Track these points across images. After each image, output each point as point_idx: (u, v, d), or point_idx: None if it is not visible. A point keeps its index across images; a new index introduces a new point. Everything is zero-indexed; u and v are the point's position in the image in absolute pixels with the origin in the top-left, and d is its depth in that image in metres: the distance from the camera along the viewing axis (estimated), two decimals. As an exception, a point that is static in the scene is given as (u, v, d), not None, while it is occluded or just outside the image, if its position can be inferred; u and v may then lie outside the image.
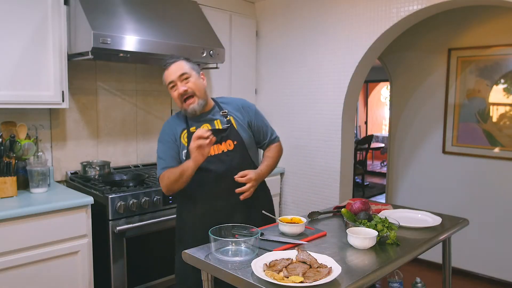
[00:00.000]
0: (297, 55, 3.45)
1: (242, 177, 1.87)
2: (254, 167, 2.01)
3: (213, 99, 2.06)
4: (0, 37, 2.21)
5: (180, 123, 1.99)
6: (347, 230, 1.59)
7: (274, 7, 3.60)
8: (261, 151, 2.16)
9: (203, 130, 1.73)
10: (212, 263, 1.40)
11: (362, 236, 1.54)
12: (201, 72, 2.00)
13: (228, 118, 1.98)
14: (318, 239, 1.66)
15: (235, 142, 1.94)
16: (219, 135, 1.91)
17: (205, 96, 1.95)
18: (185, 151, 1.91)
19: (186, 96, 1.90)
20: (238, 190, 1.86)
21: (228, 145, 1.93)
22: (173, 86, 1.92)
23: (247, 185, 1.87)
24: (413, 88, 3.93)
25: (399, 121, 4.06)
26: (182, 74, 1.90)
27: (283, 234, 1.68)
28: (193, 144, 1.73)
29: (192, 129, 1.94)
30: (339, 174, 3.21)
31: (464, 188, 3.62)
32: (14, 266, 2.06)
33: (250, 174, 1.88)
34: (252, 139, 2.03)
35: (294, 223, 1.69)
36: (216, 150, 1.91)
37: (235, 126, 1.97)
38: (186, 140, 1.93)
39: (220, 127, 1.95)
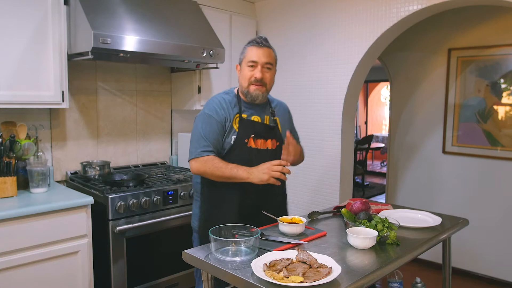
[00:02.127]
0: (297, 55, 3.45)
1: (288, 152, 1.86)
2: None
3: None
4: (0, 37, 2.21)
5: (234, 105, 1.93)
6: (347, 230, 1.59)
7: (274, 7, 3.60)
8: None
9: (284, 162, 1.75)
10: (212, 263, 1.40)
11: (362, 236, 1.54)
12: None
13: (275, 118, 1.99)
14: (318, 239, 1.66)
15: (277, 143, 1.94)
16: (267, 132, 1.93)
17: (270, 91, 1.97)
18: (235, 136, 1.87)
19: (258, 83, 1.87)
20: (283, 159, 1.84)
21: (272, 144, 1.94)
22: (252, 66, 1.87)
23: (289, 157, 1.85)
24: (413, 88, 3.93)
25: (399, 121, 4.06)
26: (269, 63, 1.88)
27: (283, 234, 1.68)
28: (270, 170, 1.71)
29: (244, 115, 1.91)
30: (339, 174, 3.21)
31: (464, 188, 3.62)
32: (14, 266, 2.06)
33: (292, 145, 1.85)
34: None
35: (294, 223, 1.69)
36: (262, 145, 1.91)
37: (279, 128, 2.00)
38: (237, 125, 1.89)
39: (268, 124, 1.96)
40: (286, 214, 2.05)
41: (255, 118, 1.93)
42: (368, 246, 1.54)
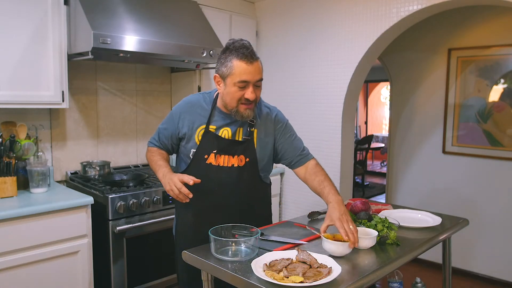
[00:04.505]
0: (297, 55, 3.45)
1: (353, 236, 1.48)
2: (264, 184, 1.88)
3: None
4: (0, 37, 2.21)
5: (204, 112, 1.75)
6: (347, 230, 1.59)
7: (274, 7, 3.60)
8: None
9: (187, 178, 1.56)
10: (212, 263, 1.40)
11: (362, 236, 1.54)
12: None
13: (251, 130, 1.76)
14: (318, 239, 1.66)
15: (247, 159, 1.75)
16: (234, 148, 1.74)
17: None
18: (194, 150, 1.75)
19: (250, 103, 1.65)
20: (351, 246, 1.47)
21: (239, 160, 1.74)
22: (244, 87, 1.61)
23: (354, 232, 1.49)
24: (413, 88, 3.93)
25: (399, 121, 4.07)
26: (260, 80, 1.64)
27: (328, 252, 1.46)
28: (172, 185, 1.57)
29: (211, 127, 1.73)
30: (339, 174, 3.21)
31: (464, 188, 3.62)
32: (14, 266, 2.06)
33: (347, 223, 1.51)
34: (271, 157, 1.85)
35: (339, 240, 1.48)
36: (226, 162, 1.73)
37: (255, 141, 1.77)
38: (200, 138, 1.73)
39: (240, 138, 1.75)
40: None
41: (225, 131, 1.73)
42: (368, 246, 1.54)
